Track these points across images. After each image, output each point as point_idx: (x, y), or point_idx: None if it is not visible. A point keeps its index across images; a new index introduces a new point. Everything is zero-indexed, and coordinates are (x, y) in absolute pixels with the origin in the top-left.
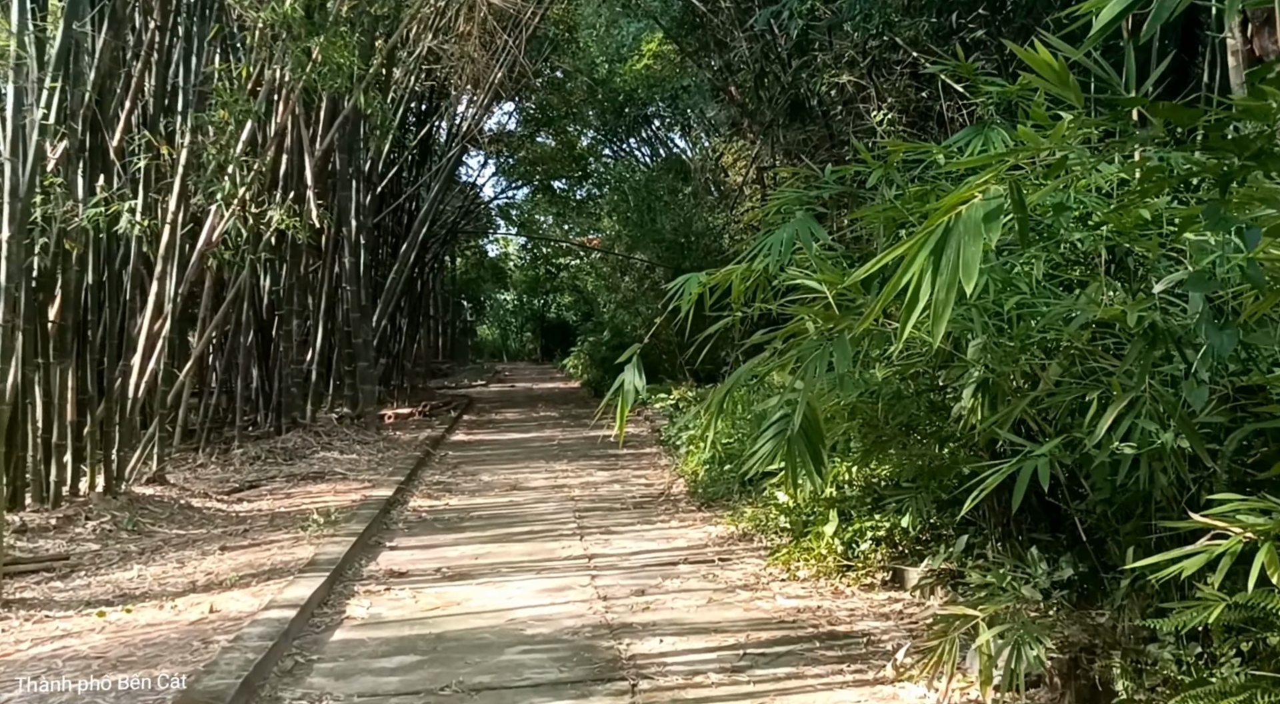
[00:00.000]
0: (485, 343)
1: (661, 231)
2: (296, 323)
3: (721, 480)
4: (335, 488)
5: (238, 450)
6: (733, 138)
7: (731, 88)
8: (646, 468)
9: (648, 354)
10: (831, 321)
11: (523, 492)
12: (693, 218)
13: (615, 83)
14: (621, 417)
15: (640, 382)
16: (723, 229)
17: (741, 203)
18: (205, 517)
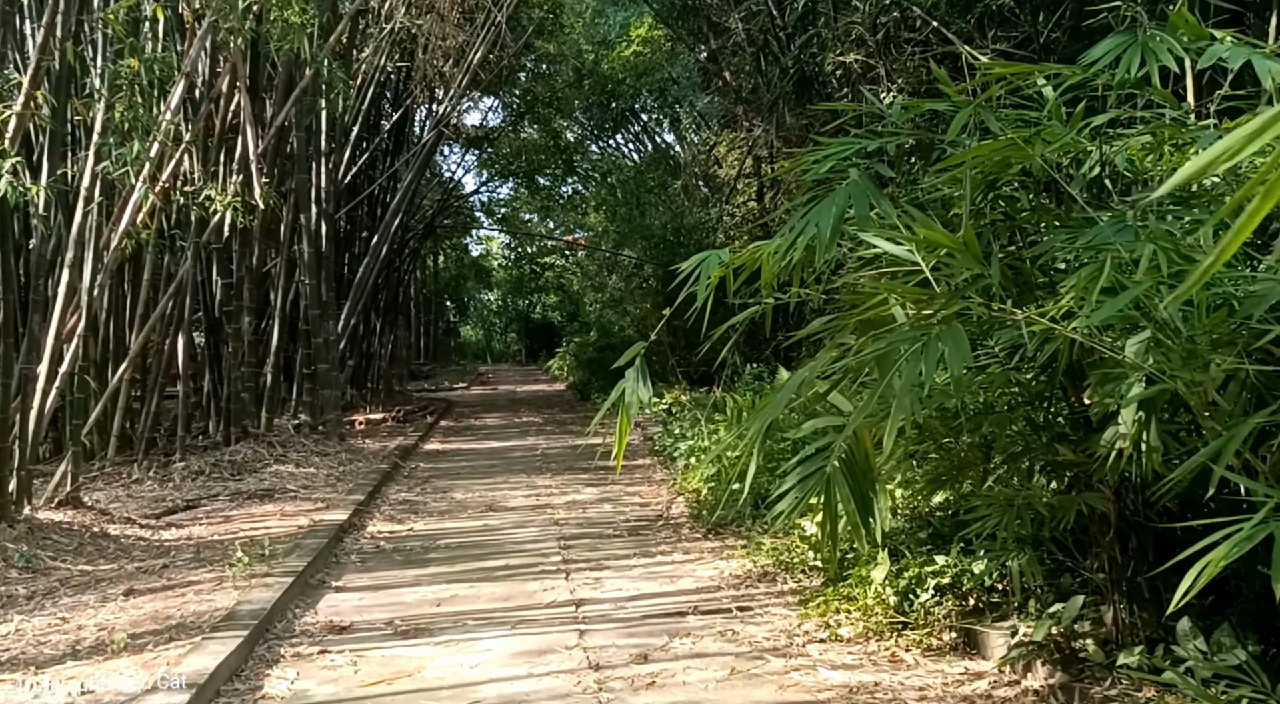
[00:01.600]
0: (469, 344)
1: (651, 227)
2: (249, 320)
3: (730, 502)
4: (284, 508)
5: (179, 464)
6: (724, 130)
7: (725, 74)
8: (640, 483)
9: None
10: (935, 306)
11: (500, 513)
12: (684, 212)
13: (602, 71)
14: (622, 435)
15: (646, 391)
16: (716, 224)
17: (735, 196)
18: (121, 547)
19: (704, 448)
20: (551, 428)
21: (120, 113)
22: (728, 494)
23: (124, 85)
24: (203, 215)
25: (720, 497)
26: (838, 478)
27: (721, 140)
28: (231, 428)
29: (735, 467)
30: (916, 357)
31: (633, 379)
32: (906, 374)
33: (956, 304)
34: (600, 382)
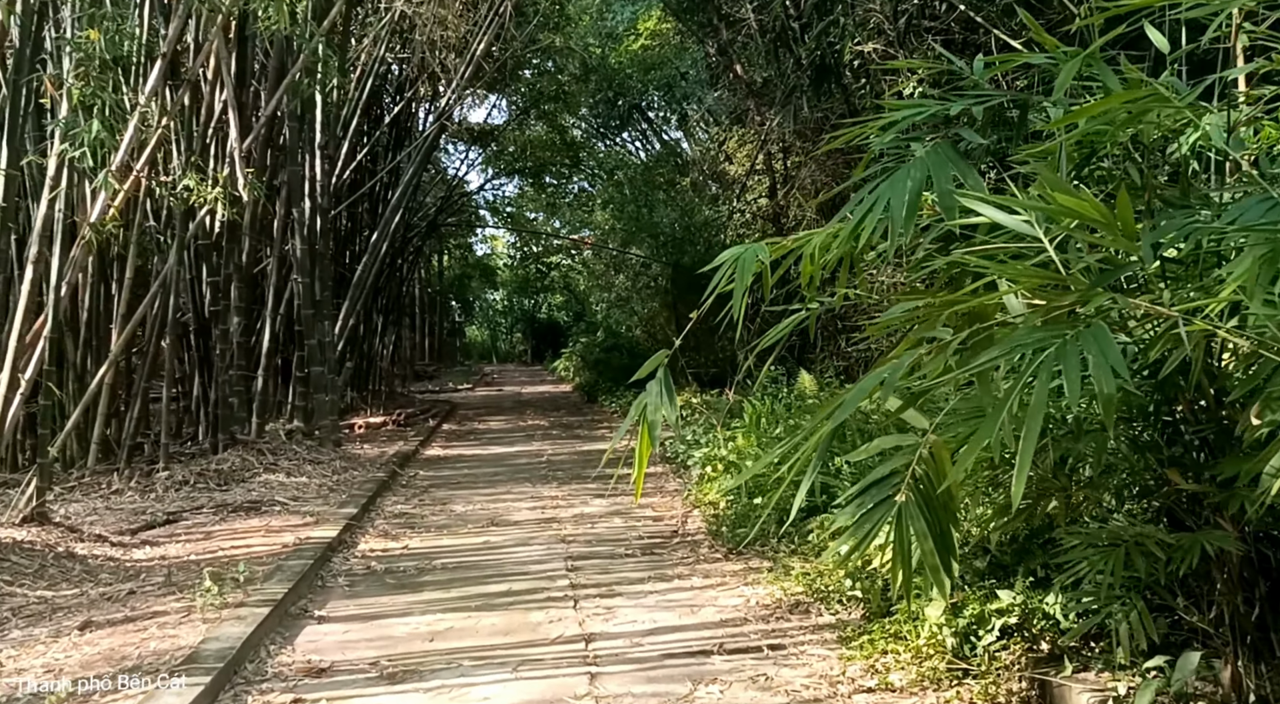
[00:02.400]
0: (474, 344)
1: (659, 225)
2: (238, 321)
3: (753, 518)
4: (270, 523)
5: (163, 473)
6: (733, 126)
7: (736, 67)
8: (652, 493)
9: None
10: (1070, 297)
11: (503, 528)
12: (694, 209)
13: (609, 65)
14: (642, 459)
15: (671, 409)
16: (726, 221)
17: (746, 193)
18: (88, 570)
19: (720, 456)
20: (558, 432)
21: (79, 90)
22: (750, 509)
23: (84, 60)
24: (187, 209)
25: (742, 512)
26: (911, 511)
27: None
28: (219, 434)
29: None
30: (1049, 364)
31: (655, 393)
32: (1040, 387)
33: (1100, 296)
34: (607, 383)
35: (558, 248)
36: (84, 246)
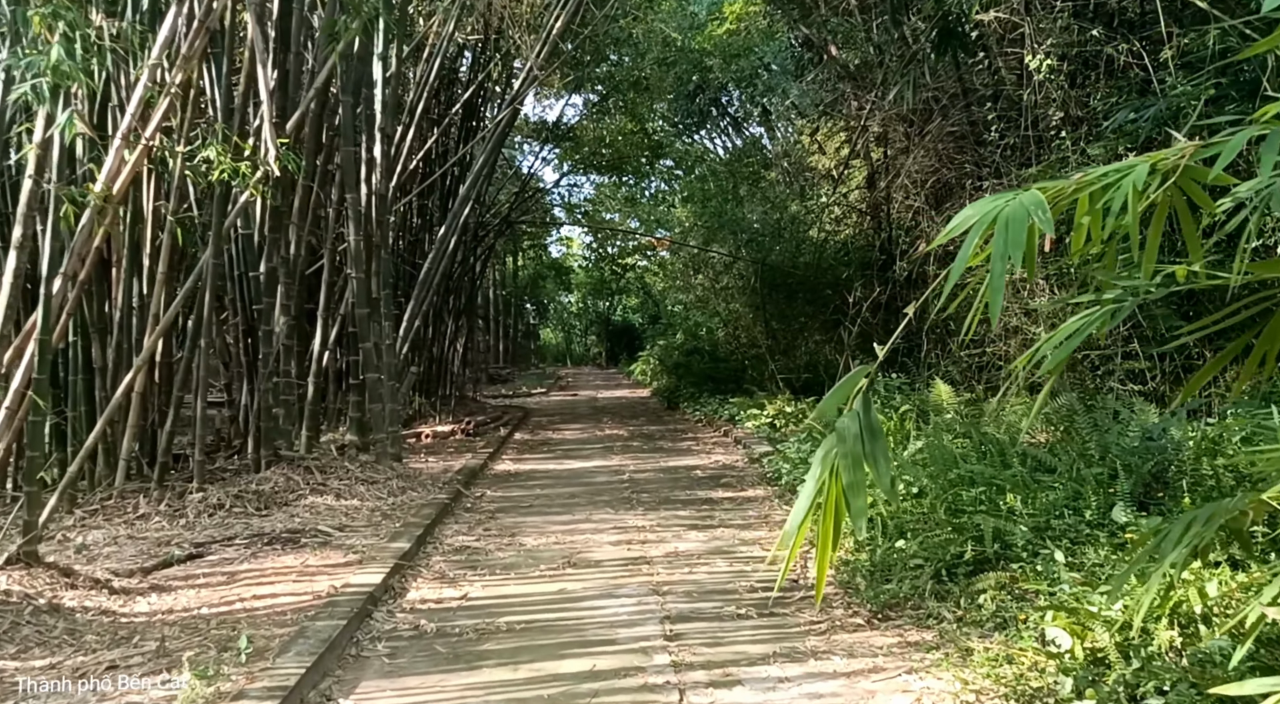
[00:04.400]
0: (548, 347)
1: (743, 221)
2: (284, 321)
3: (898, 567)
4: (306, 561)
5: (196, 495)
6: (822, 117)
7: (831, 48)
8: (756, 523)
9: (726, 359)
10: None
11: (582, 571)
12: (785, 203)
13: (691, 50)
14: (824, 560)
15: (885, 474)
16: (817, 217)
17: (842, 184)
18: (72, 628)
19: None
20: (639, 443)
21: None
22: (893, 554)
23: None
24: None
25: (882, 558)
26: None
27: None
28: (262, 450)
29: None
30: None
31: (851, 436)
32: None
33: None
34: (689, 389)
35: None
36: (85, 232)
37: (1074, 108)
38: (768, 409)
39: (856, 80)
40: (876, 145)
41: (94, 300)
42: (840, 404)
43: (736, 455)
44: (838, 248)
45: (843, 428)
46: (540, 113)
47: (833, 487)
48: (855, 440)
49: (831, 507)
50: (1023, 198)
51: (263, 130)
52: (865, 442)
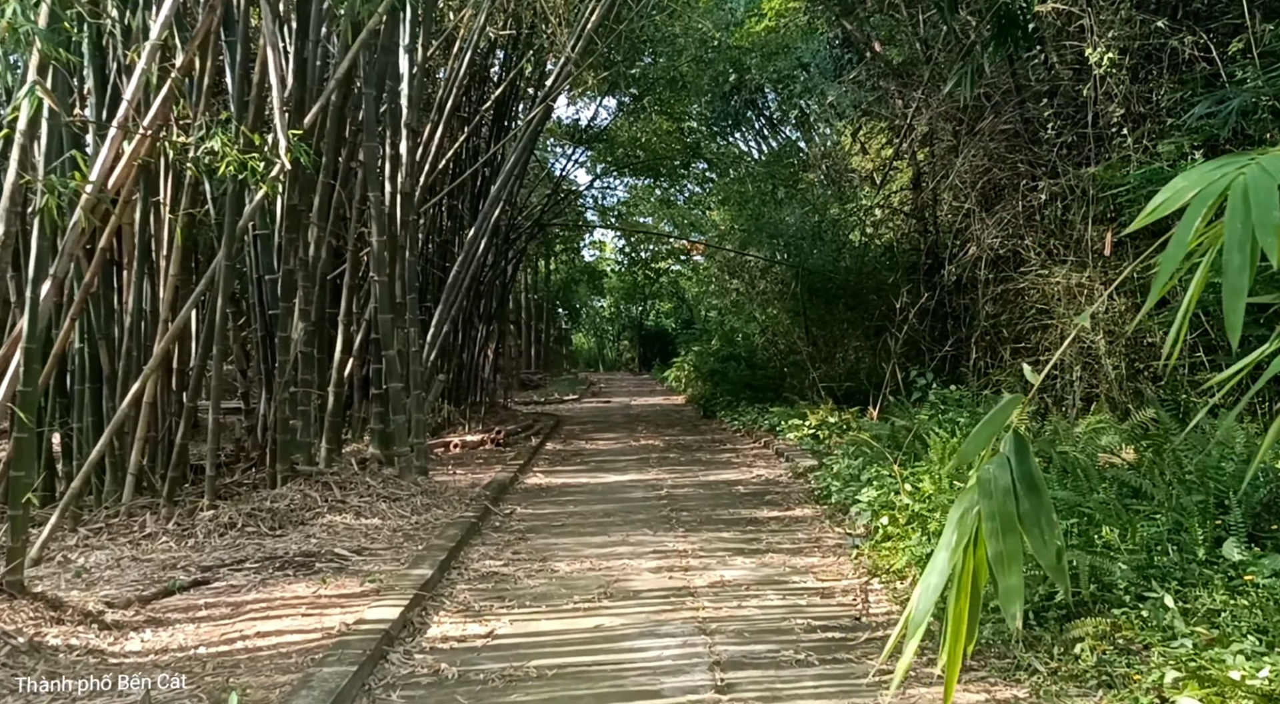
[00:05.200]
0: (580, 352)
1: (781, 225)
2: (302, 327)
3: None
4: (319, 592)
5: (206, 513)
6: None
7: (875, 44)
8: (808, 547)
9: (764, 366)
10: None
11: (620, 604)
12: (826, 205)
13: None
14: (960, 635)
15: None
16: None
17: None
18: (54, 670)
19: (902, 505)
20: (675, 454)
21: None
22: None
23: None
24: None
25: None
26: None
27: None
28: (278, 464)
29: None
30: None
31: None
32: None
33: None
34: (725, 396)
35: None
36: (76, 229)
37: (1136, 104)
38: (810, 419)
39: (902, 78)
40: (921, 145)
41: (103, 305)
42: (984, 445)
43: (779, 469)
44: (880, 251)
45: (989, 479)
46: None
47: (969, 557)
48: (1006, 496)
49: (968, 584)
50: (1263, 161)
51: (273, 120)
52: (1020, 498)
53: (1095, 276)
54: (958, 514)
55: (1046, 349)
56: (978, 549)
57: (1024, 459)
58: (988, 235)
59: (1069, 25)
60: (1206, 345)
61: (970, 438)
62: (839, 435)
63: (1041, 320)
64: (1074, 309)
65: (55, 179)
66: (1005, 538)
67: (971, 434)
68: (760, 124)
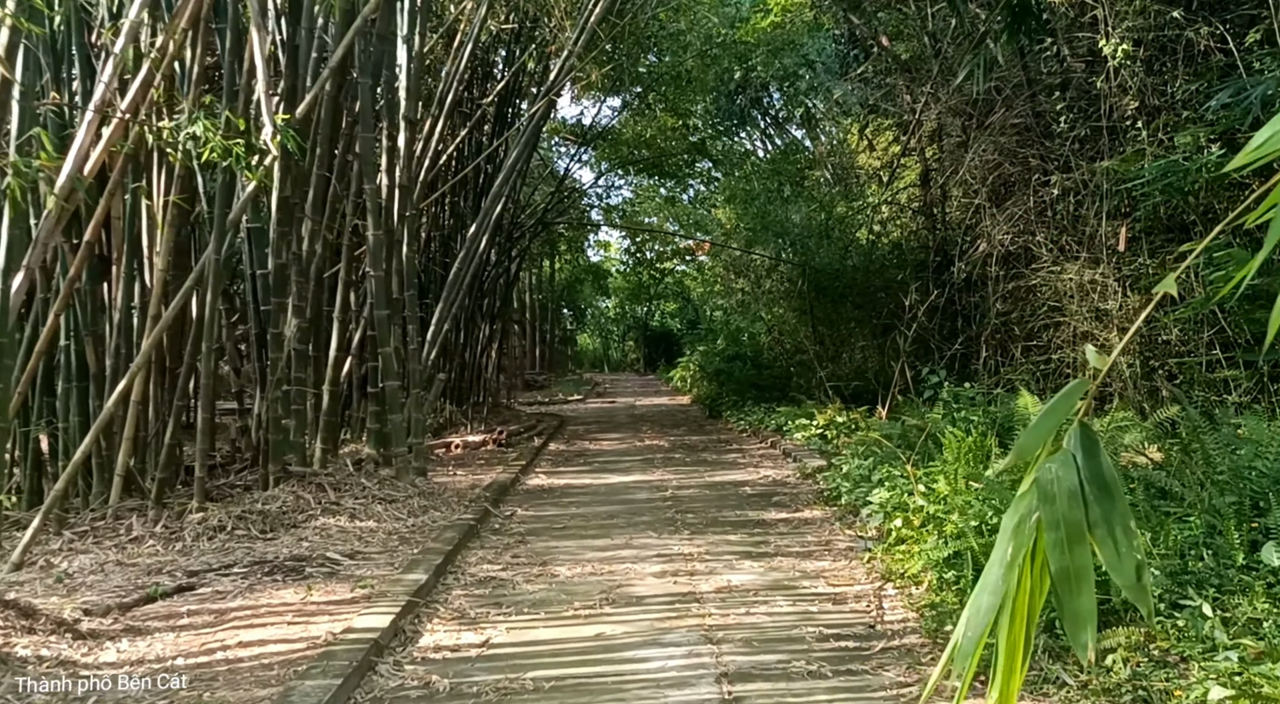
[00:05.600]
0: (585, 352)
1: (787, 223)
2: (296, 323)
3: None
4: (308, 598)
5: (195, 516)
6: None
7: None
8: (817, 550)
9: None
10: None
11: (622, 610)
12: (833, 203)
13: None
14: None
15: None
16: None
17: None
18: (20, 683)
19: (916, 507)
20: (680, 454)
21: None
22: None
23: None
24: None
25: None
26: None
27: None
28: (270, 465)
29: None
30: None
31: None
32: None
33: None
34: (731, 396)
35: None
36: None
37: (1151, 96)
38: (818, 419)
39: (910, 73)
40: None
41: (89, 300)
42: (1046, 439)
43: (787, 470)
44: (888, 249)
45: (1050, 480)
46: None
47: (1028, 575)
48: (1072, 500)
49: (1024, 606)
50: None
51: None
52: (1090, 502)
53: (1109, 272)
54: (1012, 521)
55: (1059, 347)
56: (1035, 564)
57: (1093, 456)
58: (998, 231)
59: (1082, 16)
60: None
61: (1029, 431)
62: (847, 435)
63: (1053, 317)
64: (1086, 306)
65: (20, 160)
66: (1072, 551)
67: (1031, 426)
68: (765, 123)
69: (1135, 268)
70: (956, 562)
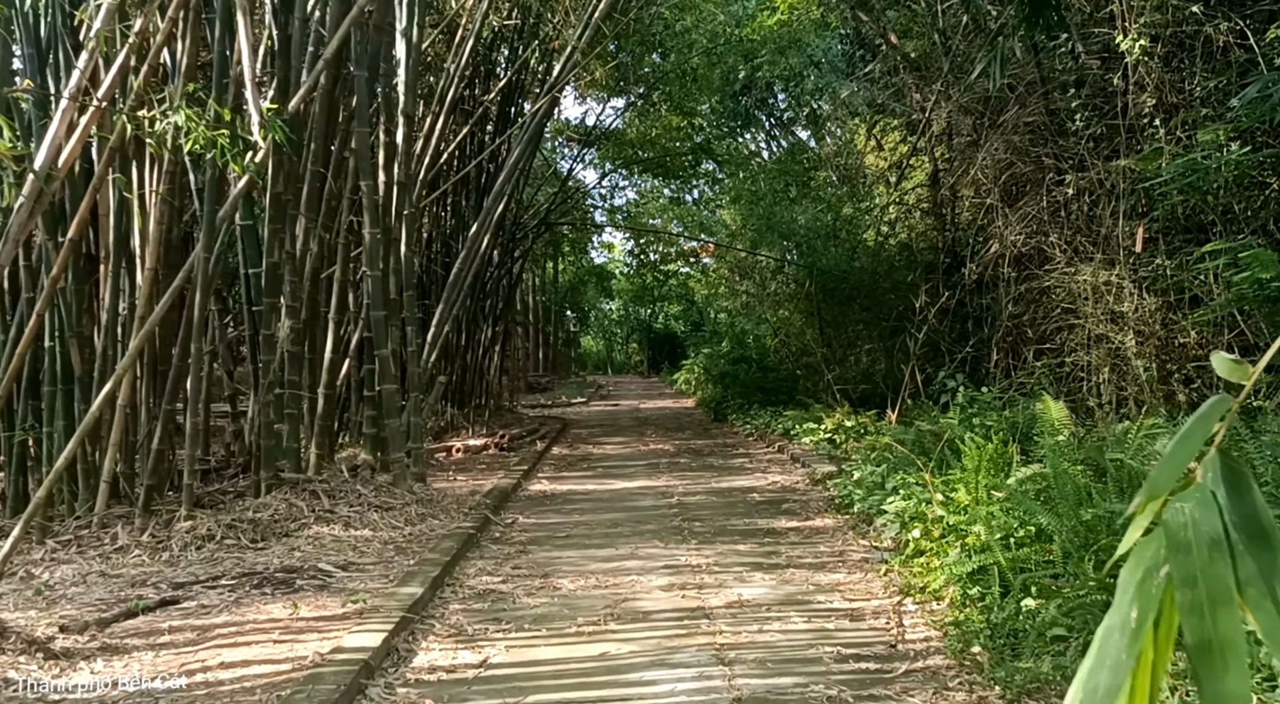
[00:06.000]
0: (589, 355)
1: (793, 224)
2: (289, 324)
3: (1036, 638)
4: (296, 614)
5: (184, 524)
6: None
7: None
8: (831, 562)
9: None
10: None
11: (628, 627)
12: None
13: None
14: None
15: None
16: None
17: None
18: None
19: (936, 517)
20: (686, 459)
21: None
22: (1019, 615)
23: None
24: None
25: (1006, 619)
26: None
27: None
28: (262, 472)
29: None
30: None
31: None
32: None
33: None
34: (736, 399)
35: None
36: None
37: (1169, 93)
38: (826, 423)
39: (919, 71)
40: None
41: (74, 300)
42: (1180, 470)
43: (796, 476)
44: (896, 250)
45: (1182, 524)
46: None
47: (1153, 643)
48: (1214, 552)
49: (1145, 680)
50: None
51: (245, 94)
52: (1240, 555)
53: (1125, 274)
54: (1135, 576)
55: (1072, 350)
56: (1166, 633)
57: (1242, 493)
58: (1011, 232)
59: (1098, 11)
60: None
61: (1164, 461)
62: (856, 440)
63: (1067, 320)
64: (1101, 308)
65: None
66: (1216, 616)
67: (1167, 453)
68: (771, 124)
69: (1152, 269)
70: (982, 577)
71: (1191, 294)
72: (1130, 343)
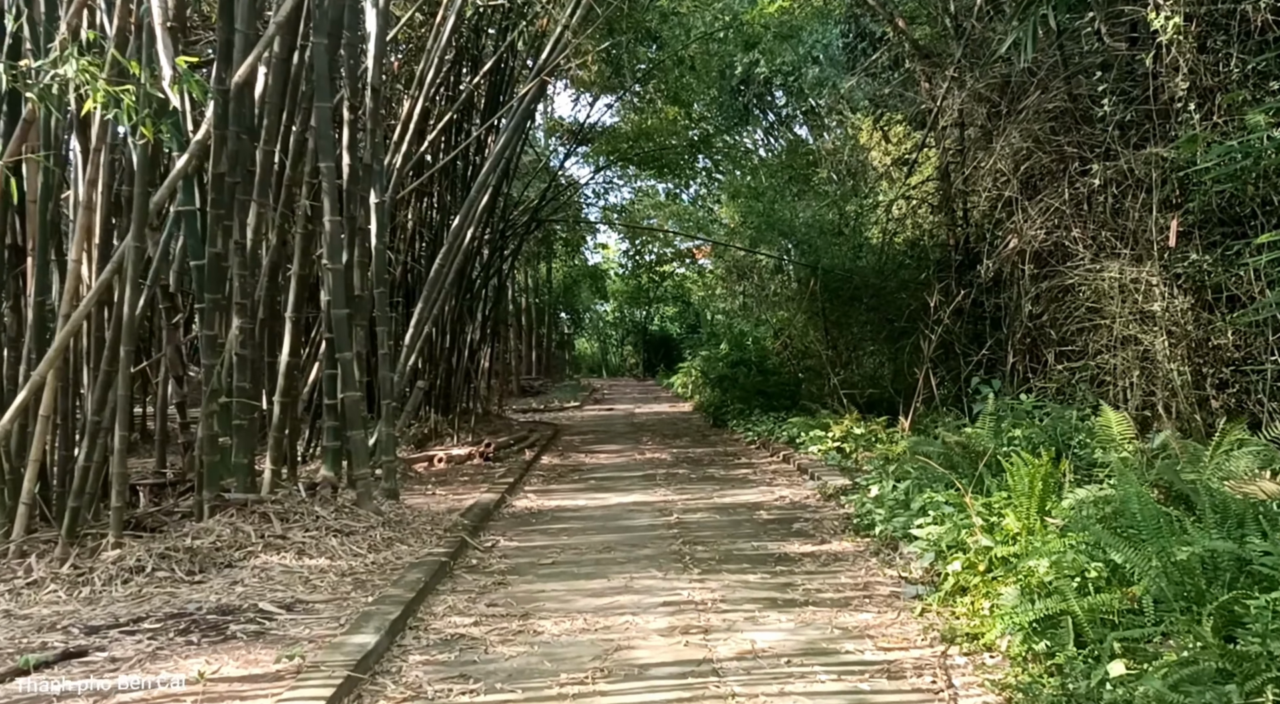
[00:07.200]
0: (583, 357)
1: (794, 222)
2: (239, 324)
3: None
4: (221, 672)
5: (110, 554)
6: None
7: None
8: (855, 597)
9: (777, 372)
10: None
11: (621, 687)
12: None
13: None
14: None
15: None
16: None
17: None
18: None
19: (983, 548)
20: (685, 469)
21: None
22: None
23: None
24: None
25: (1089, 693)
26: None
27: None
28: (204, 491)
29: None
30: None
31: None
32: None
33: None
34: (736, 404)
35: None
36: None
37: (1204, 76)
38: (834, 430)
39: (929, 58)
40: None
41: None
42: None
43: (806, 489)
44: (904, 247)
45: None
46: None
47: None
48: None
49: None
50: None
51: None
52: None
53: (1155, 271)
54: None
55: (1097, 352)
56: None
57: None
58: (1030, 227)
59: None
60: None
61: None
62: (867, 449)
63: (1091, 320)
64: (1129, 307)
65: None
66: None
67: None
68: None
69: (1187, 265)
70: (1051, 628)
71: (1229, 293)
72: (1161, 345)
